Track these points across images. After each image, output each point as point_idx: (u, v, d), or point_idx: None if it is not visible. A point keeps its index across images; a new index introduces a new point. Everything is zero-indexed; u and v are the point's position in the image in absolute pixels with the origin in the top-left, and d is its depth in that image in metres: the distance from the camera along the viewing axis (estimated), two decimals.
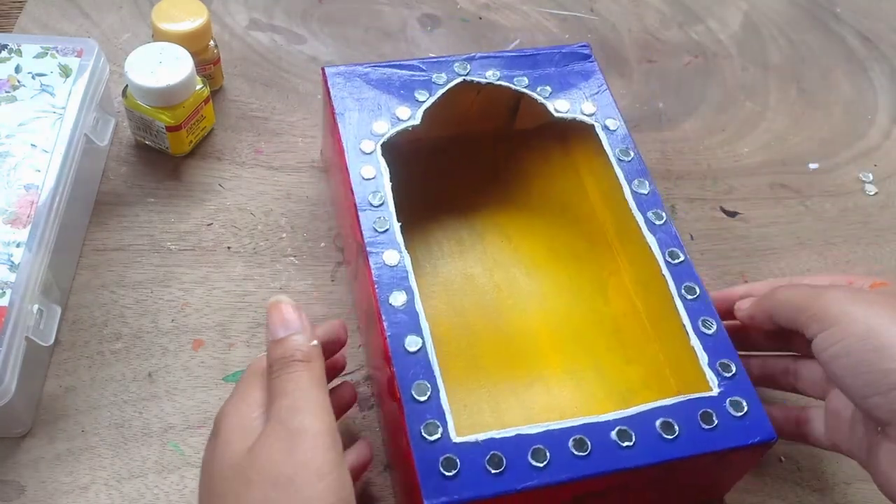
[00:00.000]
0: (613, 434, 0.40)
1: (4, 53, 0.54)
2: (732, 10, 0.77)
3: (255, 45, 0.68)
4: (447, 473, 0.39)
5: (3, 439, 0.47)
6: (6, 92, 0.53)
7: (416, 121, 0.52)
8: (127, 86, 0.56)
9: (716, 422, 0.41)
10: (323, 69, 0.54)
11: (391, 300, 0.44)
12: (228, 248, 0.56)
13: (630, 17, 0.75)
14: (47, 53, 0.54)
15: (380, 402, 0.48)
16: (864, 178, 0.66)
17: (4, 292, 0.44)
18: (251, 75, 0.66)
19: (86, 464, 0.47)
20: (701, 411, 0.42)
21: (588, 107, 0.54)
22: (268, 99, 0.64)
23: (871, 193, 0.65)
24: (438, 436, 0.40)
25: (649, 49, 0.74)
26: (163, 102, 0.55)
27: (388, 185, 0.48)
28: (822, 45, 0.75)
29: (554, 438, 0.40)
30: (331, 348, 0.44)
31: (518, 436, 0.40)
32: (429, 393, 0.41)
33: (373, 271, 0.45)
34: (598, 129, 0.53)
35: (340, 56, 0.68)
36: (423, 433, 0.40)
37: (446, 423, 0.40)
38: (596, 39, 0.73)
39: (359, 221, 0.47)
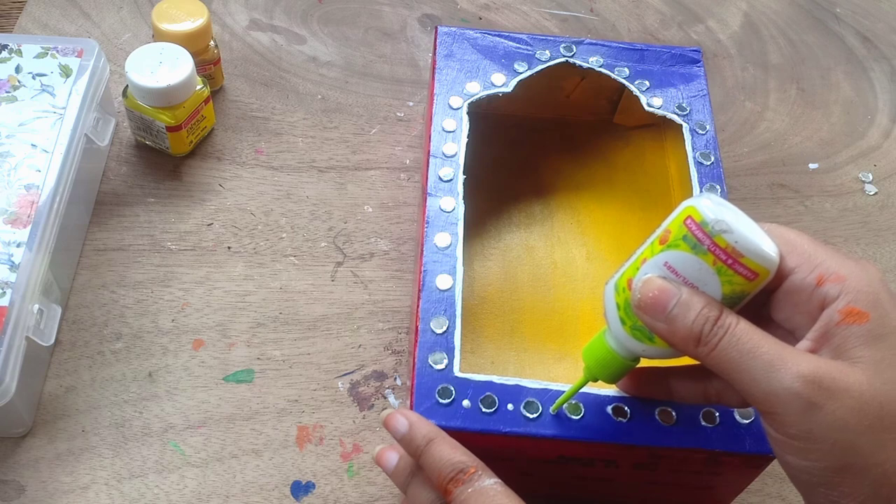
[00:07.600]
0: (609, 408, 0.41)
1: (5, 53, 0.54)
2: (732, 10, 0.77)
3: (255, 45, 0.68)
4: (441, 401, 0.41)
5: (3, 439, 0.47)
6: (6, 92, 0.53)
7: (509, 89, 0.54)
8: (127, 86, 0.56)
9: (717, 421, 0.41)
10: (436, 27, 0.57)
11: (436, 240, 0.46)
12: (228, 248, 0.56)
13: (630, 17, 0.75)
14: (48, 53, 0.54)
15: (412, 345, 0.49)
16: (863, 178, 0.66)
17: (5, 292, 0.44)
18: (251, 75, 0.66)
19: (86, 464, 0.47)
20: (704, 409, 0.41)
21: (682, 107, 0.54)
22: (268, 99, 0.64)
23: (871, 193, 0.65)
24: (443, 366, 0.42)
25: None
26: (163, 102, 0.55)
27: (464, 140, 0.51)
28: (822, 45, 0.75)
29: (550, 397, 0.41)
30: None
31: (517, 386, 0.42)
32: (445, 327, 0.43)
33: (427, 212, 0.48)
34: (686, 130, 0.53)
35: (340, 56, 0.68)
36: (429, 360, 0.42)
37: (453, 357, 0.42)
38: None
39: (427, 167, 0.49)
